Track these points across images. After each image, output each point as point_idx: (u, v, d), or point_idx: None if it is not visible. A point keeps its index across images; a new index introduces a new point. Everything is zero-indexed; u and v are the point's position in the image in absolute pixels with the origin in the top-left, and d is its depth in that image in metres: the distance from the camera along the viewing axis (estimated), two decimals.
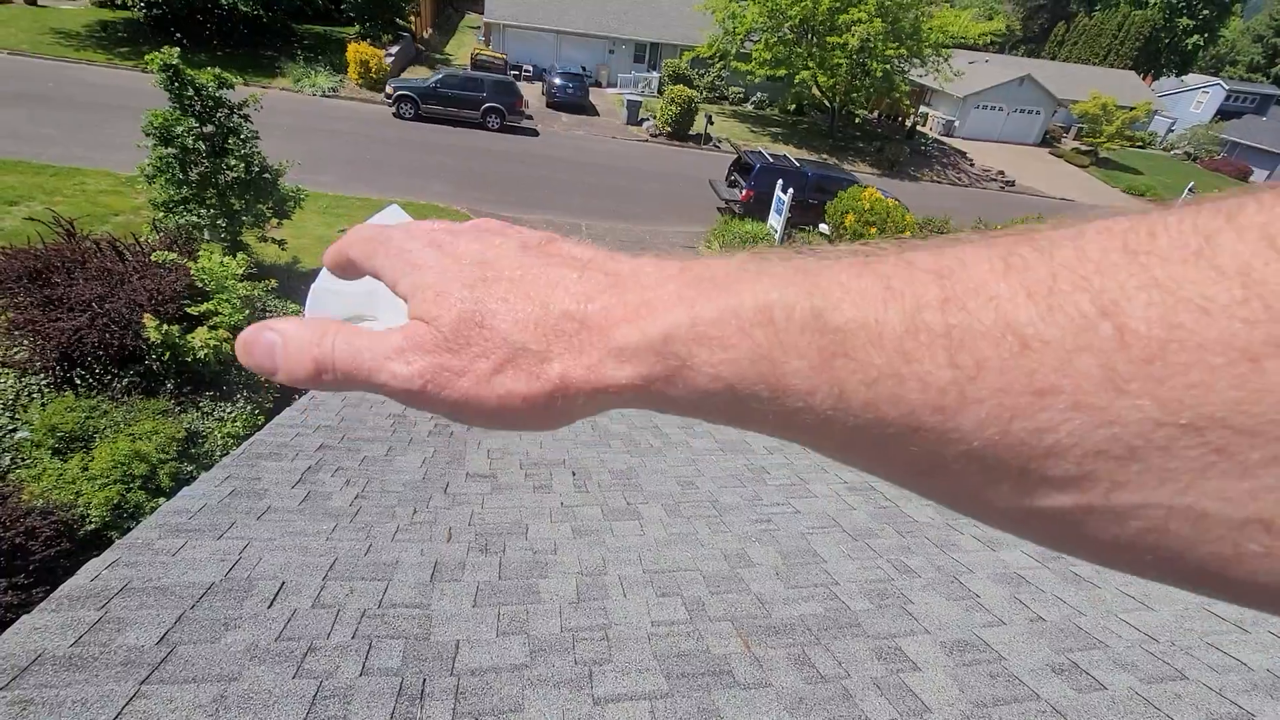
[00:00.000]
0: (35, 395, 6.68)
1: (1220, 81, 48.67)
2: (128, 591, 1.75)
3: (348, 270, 0.40)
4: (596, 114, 24.28)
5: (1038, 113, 35.38)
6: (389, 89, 19.21)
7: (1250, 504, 0.18)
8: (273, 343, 0.34)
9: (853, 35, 21.57)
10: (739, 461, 3.43)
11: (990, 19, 27.37)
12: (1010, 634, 2.01)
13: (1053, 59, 49.61)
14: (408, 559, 2.16)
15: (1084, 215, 0.23)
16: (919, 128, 31.88)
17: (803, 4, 21.81)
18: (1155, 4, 53.86)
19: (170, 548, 2.00)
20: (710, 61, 26.28)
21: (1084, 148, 34.32)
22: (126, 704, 1.38)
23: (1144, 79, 43.86)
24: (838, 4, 21.77)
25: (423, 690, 1.57)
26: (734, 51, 24.50)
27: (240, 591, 1.84)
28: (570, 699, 1.59)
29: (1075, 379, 0.19)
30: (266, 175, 9.14)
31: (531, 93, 24.55)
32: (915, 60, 23.88)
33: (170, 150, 8.34)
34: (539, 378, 0.29)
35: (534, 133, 20.69)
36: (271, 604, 1.81)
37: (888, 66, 23.00)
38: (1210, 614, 2.14)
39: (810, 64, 23.15)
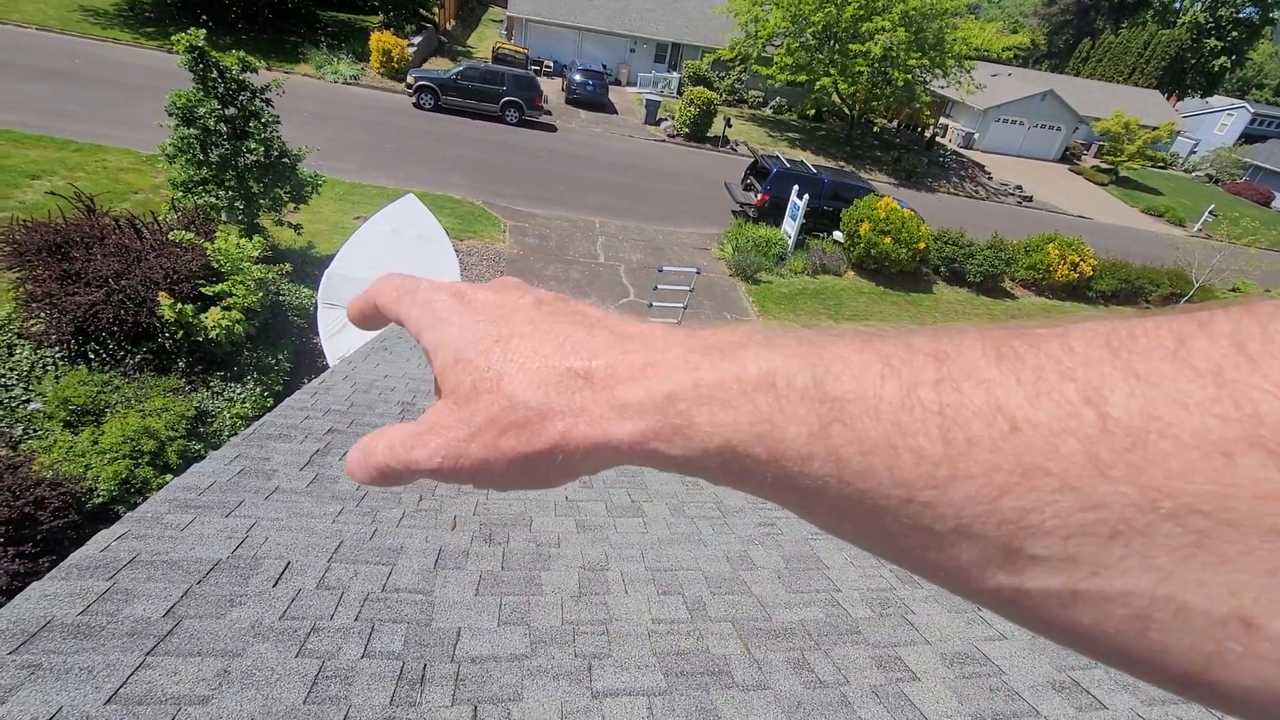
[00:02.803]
0: (49, 367, 6.76)
1: (1246, 104, 48.13)
2: (136, 564, 1.77)
3: (370, 319, 0.41)
4: (615, 112, 24.30)
5: (1059, 129, 35.12)
6: (410, 79, 19.31)
7: (1230, 599, 0.18)
8: (348, 462, 0.37)
9: (875, 43, 21.48)
10: None
11: (1015, 32, 27.19)
12: (1011, 649, 2.00)
13: (1076, 75, 49.21)
14: (412, 545, 2.17)
15: (1072, 318, 0.24)
16: (938, 139, 31.71)
17: (826, 10, 21.74)
18: (1183, 24, 53.33)
19: (179, 523, 2.02)
20: (731, 64, 26.24)
21: (1104, 166, 34.05)
22: (132, 674, 1.40)
23: (1168, 99, 43.46)
24: (861, 11, 21.69)
25: (423, 675, 1.58)
26: (755, 55, 24.46)
27: (246, 569, 1.86)
28: (569, 691, 1.60)
29: (1061, 461, 0.20)
30: (285, 160, 9.20)
31: (551, 88, 24.60)
32: (937, 71, 23.75)
33: (192, 131, 8.40)
34: (541, 434, 0.30)
35: (552, 128, 20.73)
36: (277, 583, 1.83)
37: (909, 76, 22.89)
38: None
39: (831, 70, 23.07)
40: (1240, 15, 52.84)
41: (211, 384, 7.10)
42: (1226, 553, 0.18)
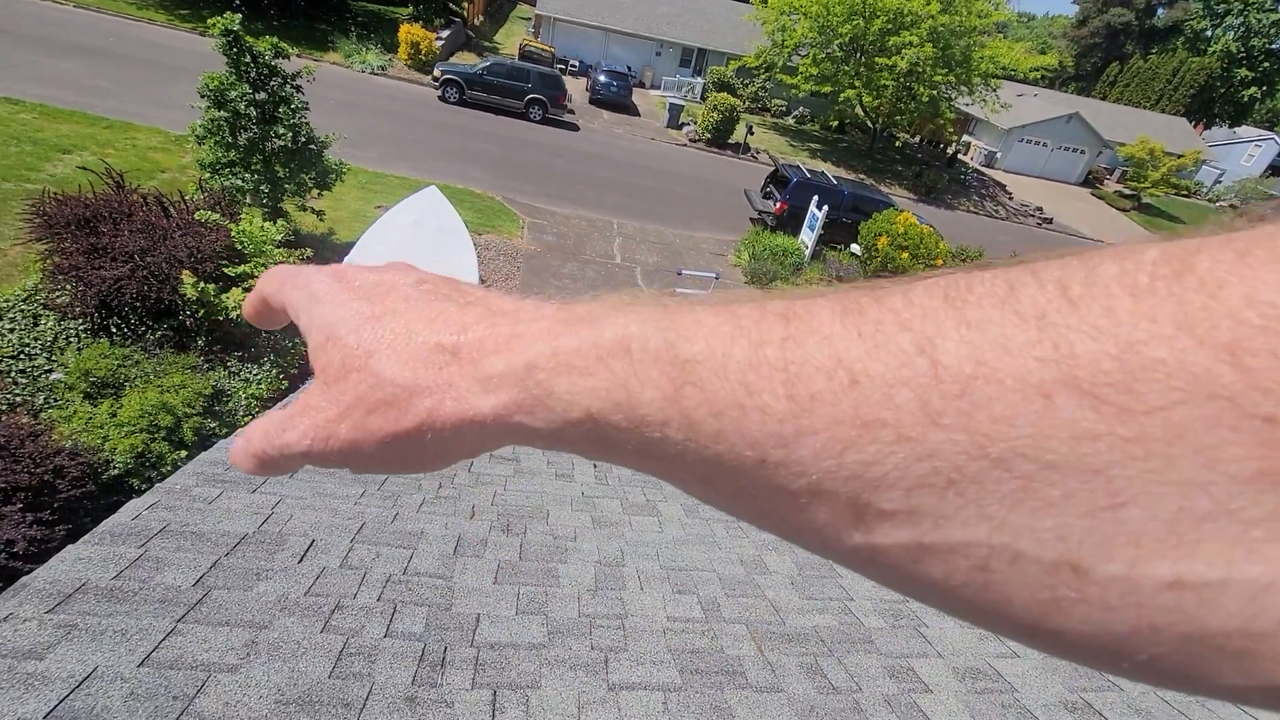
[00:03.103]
0: (72, 339, 6.86)
1: (1275, 136, 47.52)
2: (166, 533, 1.81)
3: (263, 313, 0.40)
4: (638, 114, 24.36)
5: (1082, 152, 34.87)
6: (437, 72, 19.43)
7: (1058, 545, 0.18)
8: (231, 451, 0.36)
9: (902, 58, 21.43)
10: None
11: (1043, 53, 27.05)
12: (1024, 667, 2.00)
13: (1103, 99, 48.85)
14: (432, 531, 2.20)
15: (921, 275, 0.25)
16: (960, 156, 31.57)
17: (854, 23, 21.72)
18: (1214, 52, 52.83)
19: (207, 495, 2.06)
20: (756, 72, 26.25)
21: (1127, 191, 33.75)
22: (163, 639, 1.43)
23: (1195, 127, 43.05)
24: (889, 25, 21.65)
25: (444, 658, 1.60)
26: (781, 64, 24.46)
27: (272, 544, 1.89)
28: (586, 682, 1.62)
29: (896, 412, 0.20)
30: (312, 146, 9.30)
31: (575, 88, 24.69)
32: (963, 88, 23.66)
33: (222, 114, 8.51)
34: (409, 412, 0.29)
35: (574, 127, 20.80)
36: (301, 559, 1.86)
37: (934, 92, 22.82)
38: None
39: (856, 83, 23.03)
40: (1273, 46, 52.29)
41: (229, 364, 7.18)
42: (1051, 496, 0.18)
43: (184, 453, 5.85)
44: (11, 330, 6.67)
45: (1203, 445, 0.16)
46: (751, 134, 23.24)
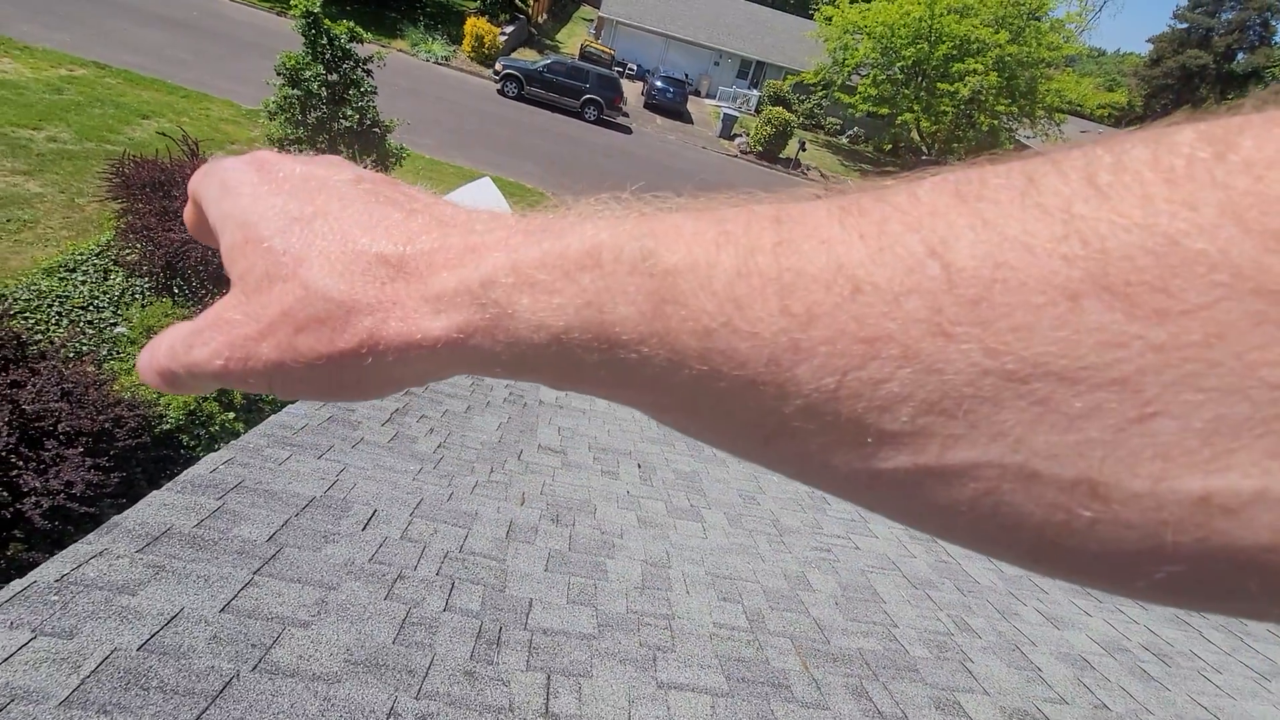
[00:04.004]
0: (138, 296, 7.15)
1: None
2: (241, 489, 1.88)
3: (196, 221, 0.35)
4: (691, 121, 24.42)
5: None
6: (499, 66, 19.79)
7: (1077, 462, 0.17)
8: (138, 362, 0.32)
9: (965, 85, 21.10)
10: (800, 486, 3.41)
11: (1111, 90, 26.36)
12: (1073, 715, 1.95)
13: None
14: (485, 513, 2.24)
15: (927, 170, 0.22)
16: None
17: (919, 46, 21.47)
18: None
19: (277, 457, 2.13)
20: (813, 88, 26.11)
21: None
22: (242, 589, 1.49)
23: None
24: (954, 52, 21.34)
25: (499, 637, 1.63)
26: (840, 82, 24.28)
27: (338, 510, 1.95)
28: (636, 678, 1.63)
29: (904, 323, 0.18)
30: (376, 130, 9.54)
31: (631, 91, 24.87)
32: (1025, 120, 23.19)
33: (295, 92, 8.79)
34: (346, 332, 0.26)
35: (627, 130, 20.95)
36: (365, 527, 1.91)
37: (995, 121, 22.42)
38: None
39: (915, 106, 22.75)
40: None
41: None
42: (1073, 410, 0.16)
43: (232, 414, 6.05)
44: (84, 282, 6.99)
45: (1246, 346, 0.15)
46: (804, 150, 23.10)
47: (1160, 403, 0.16)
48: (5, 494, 3.87)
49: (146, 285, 7.26)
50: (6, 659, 1.14)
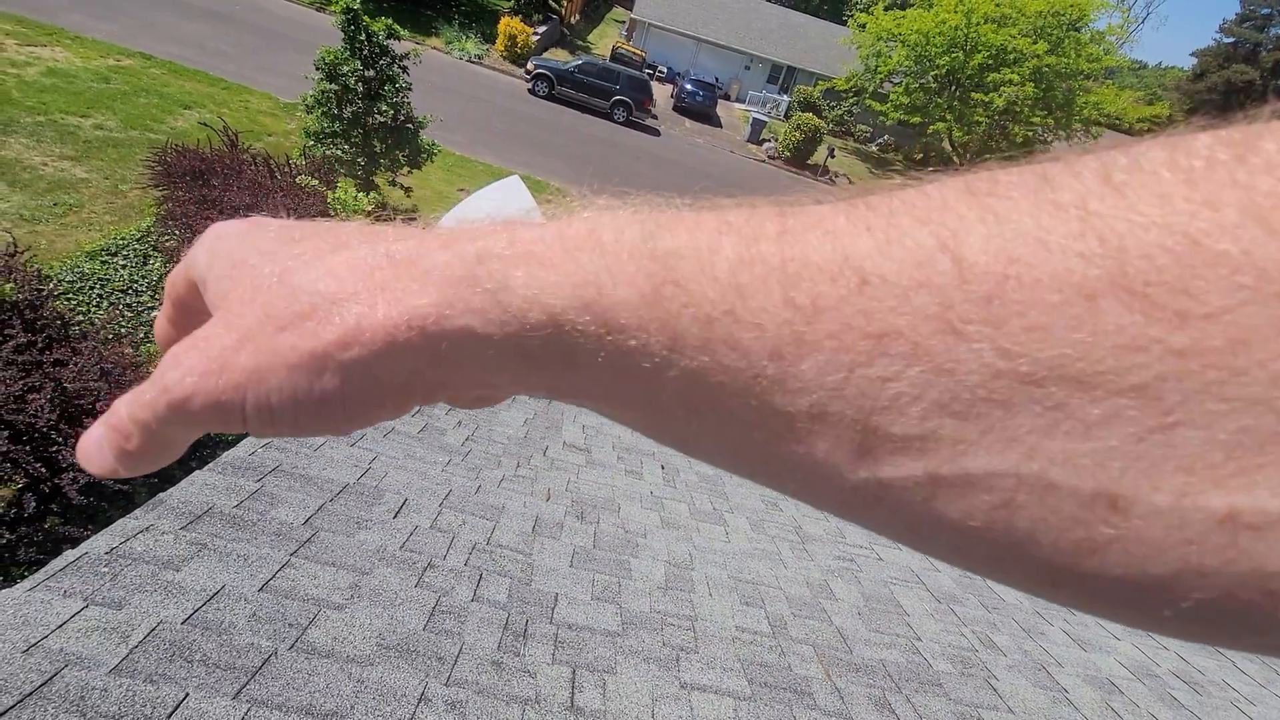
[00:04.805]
0: None
1: None
2: (279, 472, 1.92)
3: (168, 310, 0.33)
4: (719, 125, 24.39)
5: None
6: (530, 65, 19.96)
7: (1096, 473, 0.16)
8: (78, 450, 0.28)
9: (1000, 95, 20.80)
10: None
11: (1151, 104, 25.79)
12: None
13: None
14: (512, 507, 2.26)
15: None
16: None
17: (953, 55, 21.20)
18: None
19: (312, 442, 2.18)
20: (844, 95, 25.92)
21: None
22: (280, 569, 1.53)
23: None
24: (990, 61, 21.04)
25: (525, 630, 1.65)
26: (871, 90, 24.07)
27: (370, 497, 1.99)
28: (660, 676, 1.64)
29: (913, 319, 0.17)
30: (409, 125, 9.67)
31: (661, 93, 24.90)
32: (1061, 132, 22.78)
33: (332, 86, 8.95)
34: (329, 323, 0.23)
35: (655, 132, 20.98)
36: (396, 515, 1.95)
37: (1030, 133, 22.06)
38: None
39: (948, 116, 22.46)
40: None
41: None
42: (1091, 417, 0.16)
43: None
44: (124, 266, 7.18)
45: (1271, 354, 0.14)
46: (832, 157, 22.94)
47: (1182, 411, 0.15)
48: (44, 470, 4.00)
49: None
50: (61, 625, 1.18)
